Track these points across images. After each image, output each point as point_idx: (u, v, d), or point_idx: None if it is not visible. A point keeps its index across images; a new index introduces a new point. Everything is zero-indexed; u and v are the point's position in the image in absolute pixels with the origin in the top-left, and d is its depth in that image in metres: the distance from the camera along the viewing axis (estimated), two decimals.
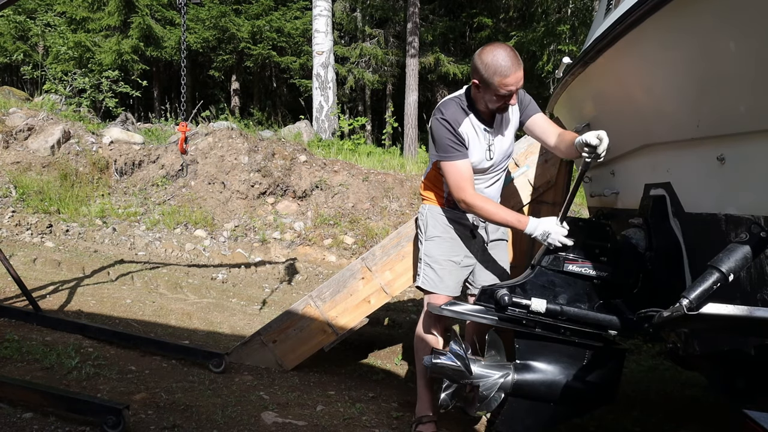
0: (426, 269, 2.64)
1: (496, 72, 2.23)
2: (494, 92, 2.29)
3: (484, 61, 2.26)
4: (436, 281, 2.61)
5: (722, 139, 1.60)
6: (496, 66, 2.23)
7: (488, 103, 2.37)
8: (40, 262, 4.82)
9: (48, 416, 2.32)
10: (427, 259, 2.64)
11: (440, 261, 2.61)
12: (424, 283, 2.64)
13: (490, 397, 2.18)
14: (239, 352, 3.26)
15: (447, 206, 2.64)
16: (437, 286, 2.61)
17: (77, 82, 9.22)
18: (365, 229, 6.69)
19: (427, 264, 2.64)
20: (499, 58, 2.23)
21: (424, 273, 2.65)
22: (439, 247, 2.62)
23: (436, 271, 2.61)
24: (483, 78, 2.28)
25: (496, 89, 2.27)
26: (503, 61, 2.22)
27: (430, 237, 2.65)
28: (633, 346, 4.22)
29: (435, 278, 2.61)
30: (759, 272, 1.50)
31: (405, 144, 11.31)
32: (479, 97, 2.39)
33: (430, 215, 2.67)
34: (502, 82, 2.25)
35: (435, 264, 2.62)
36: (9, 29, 11.94)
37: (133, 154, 6.97)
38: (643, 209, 2.20)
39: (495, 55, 2.23)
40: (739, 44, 1.40)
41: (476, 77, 2.32)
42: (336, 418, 2.70)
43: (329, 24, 11.08)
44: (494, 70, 2.23)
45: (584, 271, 2.20)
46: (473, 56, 2.34)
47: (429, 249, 2.64)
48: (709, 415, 3.10)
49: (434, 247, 2.63)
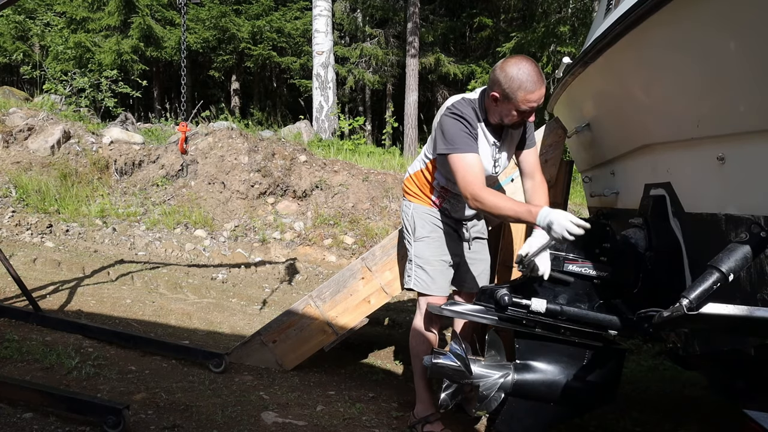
0: (417, 271, 2.61)
1: (521, 87, 2.16)
2: (515, 107, 2.22)
3: (509, 74, 2.18)
4: (428, 282, 2.59)
5: (722, 139, 1.60)
6: (521, 80, 2.15)
7: (504, 117, 2.30)
8: (40, 262, 4.82)
9: (48, 416, 2.32)
10: (418, 261, 2.61)
11: (431, 262, 2.59)
12: (417, 285, 2.61)
13: (490, 397, 2.18)
14: (239, 352, 3.26)
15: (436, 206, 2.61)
16: (429, 288, 2.59)
17: (77, 82, 9.21)
18: (365, 229, 6.69)
19: (419, 266, 2.61)
20: (524, 72, 2.15)
21: (415, 275, 2.62)
22: (429, 247, 2.60)
23: (428, 272, 2.59)
24: (505, 91, 2.20)
25: (517, 104, 2.20)
26: (529, 75, 2.15)
27: (420, 237, 2.62)
28: (633, 346, 4.22)
29: (427, 279, 2.59)
30: (759, 272, 1.50)
31: (405, 144, 11.32)
32: (495, 109, 2.32)
33: (416, 215, 2.63)
34: (526, 98, 2.18)
35: (426, 265, 2.60)
36: (9, 29, 11.94)
37: (133, 154, 6.97)
38: (643, 209, 2.20)
39: (520, 69, 2.16)
40: (739, 44, 1.40)
41: (497, 90, 2.23)
42: (336, 418, 2.70)
43: (329, 24, 11.08)
44: (519, 84, 2.16)
45: (584, 271, 2.20)
46: (494, 67, 2.26)
47: (419, 250, 2.62)
48: (709, 415, 3.10)
49: (425, 247, 2.61)
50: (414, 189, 2.68)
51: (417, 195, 2.66)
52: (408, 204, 2.68)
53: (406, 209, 2.69)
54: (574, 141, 3.27)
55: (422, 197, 2.64)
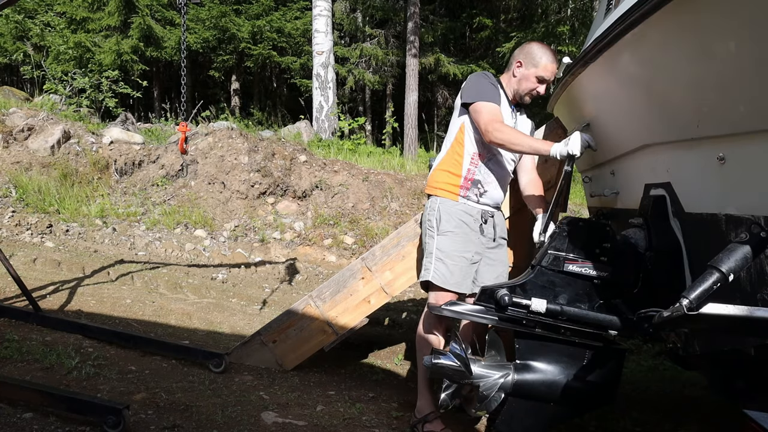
0: (437, 264, 2.60)
1: (543, 56, 2.62)
2: (535, 73, 2.62)
3: (533, 47, 2.66)
4: (447, 276, 2.58)
5: (722, 139, 1.60)
6: (544, 51, 2.64)
7: (523, 83, 2.65)
8: (40, 262, 4.82)
9: (48, 416, 2.32)
10: (439, 254, 2.60)
11: (453, 256, 2.59)
12: (435, 278, 2.59)
13: (490, 397, 2.19)
14: (239, 352, 3.26)
15: (463, 196, 2.63)
16: (447, 281, 2.58)
17: (77, 82, 9.21)
18: (365, 229, 6.69)
19: (439, 258, 2.60)
20: (544, 49, 2.66)
21: (435, 267, 2.60)
22: (453, 242, 2.60)
23: (447, 266, 2.58)
24: (529, 56, 2.63)
25: (537, 70, 2.61)
26: (549, 51, 2.65)
27: (444, 231, 2.62)
28: (633, 346, 4.22)
29: (446, 273, 2.58)
30: (759, 272, 1.50)
31: (405, 144, 11.32)
32: (513, 81, 2.69)
33: (443, 209, 2.64)
34: (547, 66, 2.61)
35: (447, 259, 2.59)
36: (9, 29, 11.93)
37: (133, 154, 6.97)
38: (643, 209, 2.20)
39: (541, 46, 2.67)
40: (739, 44, 1.40)
41: (521, 58, 2.65)
42: (336, 418, 2.70)
43: (329, 24, 11.08)
44: (542, 54, 2.62)
45: (584, 271, 2.20)
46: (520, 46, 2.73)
47: (442, 243, 2.61)
48: (709, 415, 3.10)
49: (448, 241, 2.60)
50: (441, 178, 2.69)
51: (445, 185, 2.66)
52: (435, 199, 2.69)
53: (432, 204, 2.69)
54: None
55: (451, 186, 2.66)
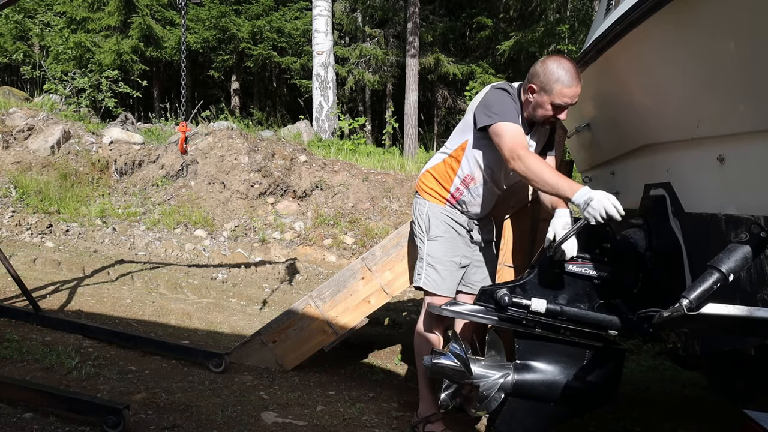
0: (428, 269, 2.61)
1: (558, 80, 2.25)
2: (550, 100, 2.30)
3: (549, 67, 2.28)
4: (438, 282, 2.60)
5: (722, 139, 1.60)
6: (560, 75, 2.25)
7: (538, 110, 2.37)
8: (40, 262, 4.81)
9: (48, 416, 2.32)
10: (430, 260, 2.62)
11: (443, 261, 2.60)
12: (426, 284, 2.61)
13: (490, 397, 2.18)
14: (239, 352, 3.26)
15: (449, 205, 2.61)
16: (439, 287, 2.59)
17: (77, 82, 9.21)
18: (365, 229, 6.69)
19: (430, 264, 2.61)
20: (564, 68, 2.26)
21: (426, 273, 2.62)
22: (442, 247, 2.60)
23: (438, 272, 2.60)
24: (543, 83, 2.29)
25: (553, 97, 2.28)
26: (568, 72, 2.26)
27: (434, 237, 2.62)
28: (633, 346, 4.22)
29: (437, 279, 2.60)
30: (759, 272, 1.50)
31: (405, 144, 11.31)
32: (529, 103, 2.40)
33: (431, 214, 2.63)
34: (562, 92, 2.27)
35: (438, 264, 2.60)
36: (9, 29, 11.93)
37: (133, 154, 6.97)
38: (643, 209, 2.20)
39: (560, 65, 2.27)
40: (739, 44, 1.40)
41: (536, 82, 2.32)
42: (336, 418, 2.70)
43: (329, 24, 11.08)
44: (557, 77, 2.26)
45: (584, 271, 2.20)
46: (535, 63, 2.36)
47: (432, 249, 2.62)
48: (709, 415, 3.10)
49: (438, 247, 2.61)
50: (431, 184, 2.65)
51: (433, 191, 2.64)
52: (423, 202, 2.66)
53: (420, 207, 2.67)
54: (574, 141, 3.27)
55: (438, 194, 2.62)
